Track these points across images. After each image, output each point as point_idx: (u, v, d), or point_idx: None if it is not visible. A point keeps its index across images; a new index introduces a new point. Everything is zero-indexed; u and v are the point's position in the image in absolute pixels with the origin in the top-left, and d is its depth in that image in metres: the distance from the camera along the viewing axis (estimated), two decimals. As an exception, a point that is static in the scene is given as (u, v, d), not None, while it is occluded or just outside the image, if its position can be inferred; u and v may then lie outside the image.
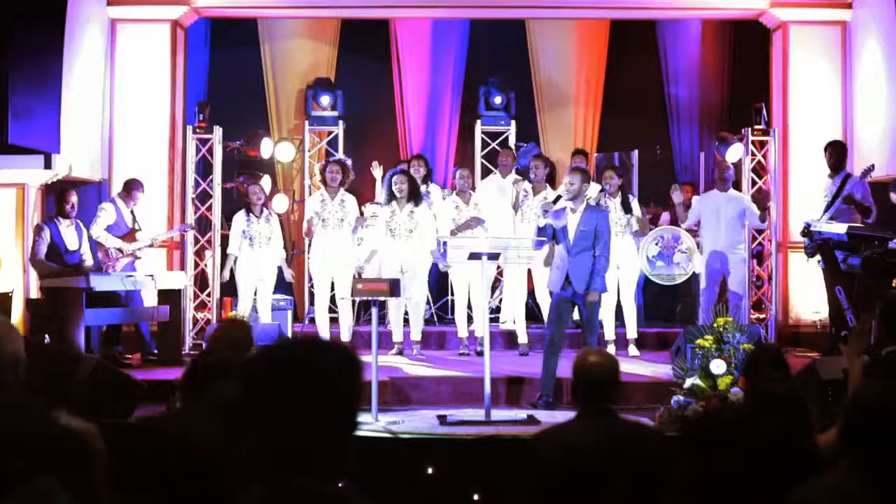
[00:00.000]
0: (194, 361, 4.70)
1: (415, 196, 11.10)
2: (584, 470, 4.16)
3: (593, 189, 11.78)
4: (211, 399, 3.82)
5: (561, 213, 9.23)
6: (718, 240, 11.27)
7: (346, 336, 11.33)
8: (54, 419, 2.90)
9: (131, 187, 11.36)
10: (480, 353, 9.95)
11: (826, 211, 10.66)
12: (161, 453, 2.55)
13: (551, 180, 11.86)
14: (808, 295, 11.93)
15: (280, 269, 11.63)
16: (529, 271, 11.40)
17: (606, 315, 11.37)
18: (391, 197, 11.08)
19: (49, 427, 2.81)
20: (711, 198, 11.49)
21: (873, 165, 10.75)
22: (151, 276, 10.87)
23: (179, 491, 2.49)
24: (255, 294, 11.42)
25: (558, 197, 9.37)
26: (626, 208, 11.18)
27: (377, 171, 12.30)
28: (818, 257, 10.66)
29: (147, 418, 2.86)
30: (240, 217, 11.41)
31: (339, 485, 2.48)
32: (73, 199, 10.76)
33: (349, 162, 11.96)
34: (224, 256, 11.65)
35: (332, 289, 11.33)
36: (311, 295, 13.15)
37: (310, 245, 11.80)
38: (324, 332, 11.37)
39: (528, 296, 11.58)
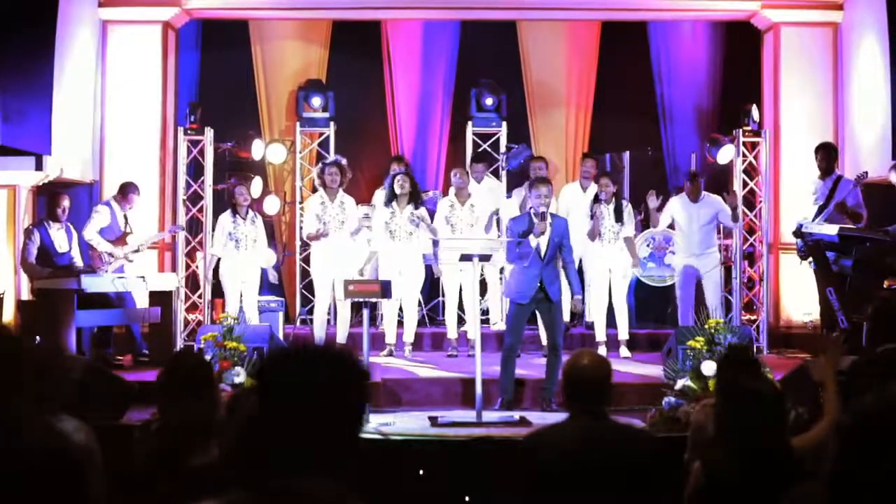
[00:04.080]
0: (171, 364, 4.70)
1: (415, 198, 11.12)
2: (573, 471, 4.16)
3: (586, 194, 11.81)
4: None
5: (535, 230, 9.20)
6: (692, 243, 11.27)
7: (342, 338, 11.33)
8: (50, 426, 2.89)
9: (127, 190, 11.35)
10: (472, 355, 9.95)
11: (818, 214, 10.66)
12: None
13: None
14: (799, 296, 11.95)
15: (264, 271, 11.59)
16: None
17: (598, 316, 11.39)
18: (392, 198, 11.09)
19: (44, 441, 2.80)
20: (684, 201, 11.45)
21: (866, 173, 10.73)
22: (142, 277, 10.87)
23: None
24: (241, 296, 11.39)
25: (543, 216, 9.22)
26: (619, 216, 11.16)
27: None
28: (810, 258, 10.67)
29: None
30: (225, 218, 11.38)
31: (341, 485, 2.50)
32: (66, 202, 10.78)
33: (345, 162, 11.94)
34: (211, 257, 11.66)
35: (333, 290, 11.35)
36: (303, 296, 13.15)
37: (303, 247, 11.83)
38: (320, 333, 11.37)
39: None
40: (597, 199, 11.19)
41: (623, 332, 11.43)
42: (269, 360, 2.63)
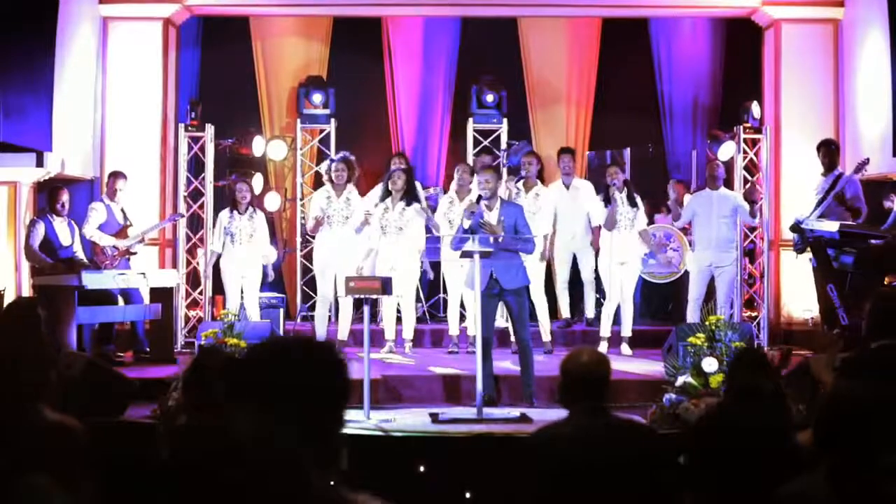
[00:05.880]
0: (198, 359, 4.70)
1: (409, 194, 11.11)
2: (579, 468, 4.16)
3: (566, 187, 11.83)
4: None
5: (478, 212, 9.21)
6: (710, 238, 11.27)
7: (344, 334, 11.32)
8: (45, 415, 2.91)
9: (110, 177, 11.37)
10: (472, 352, 9.94)
11: (816, 208, 10.66)
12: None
13: (541, 177, 11.90)
14: (800, 293, 11.94)
15: (265, 267, 11.60)
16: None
17: (605, 313, 11.36)
18: (387, 194, 11.10)
19: (40, 423, 2.81)
20: (704, 196, 11.48)
21: (868, 159, 10.74)
22: (143, 274, 10.86)
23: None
24: (242, 291, 11.40)
25: (479, 198, 9.34)
26: (633, 203, 11.20)
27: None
28: (809, 254, 10.66)
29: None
30: (223, 214, 11.41)
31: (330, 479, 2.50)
32: (65, 197, 10.81)
33: (353, 158, 11.90)
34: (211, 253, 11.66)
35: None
36: (304, 293, 13.15)
37: (304, 243, 11.81)
38: (322, 329, 11.36)
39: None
40: (609, 187, 11.20)
41: (626, 329, 11.43)
42: (242, 359, 2.63)
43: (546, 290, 11.57)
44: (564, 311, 12.15)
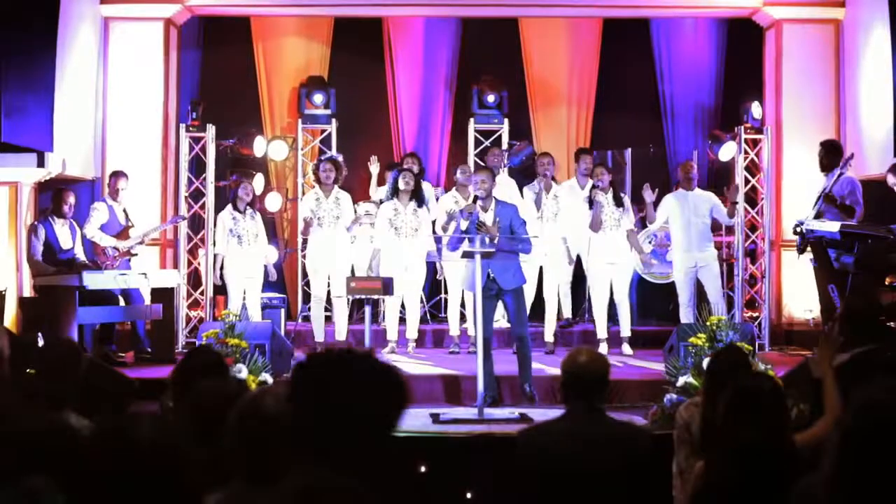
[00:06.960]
0: (184, 361, 4.70)
1: (418, 196, 11.12)
2: (569, 467, 4.16)
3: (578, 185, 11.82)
4: (195, 396, 3.83)
5: (474, 214, 9.21)
6: (691, 239, 11.24)
7: (341, 334, 11.32)
8: (48, 417, 2.90)
9: (112, 177, 11.36)
10: (473, 352, 9.93)
11: (813, 208, 10.67)
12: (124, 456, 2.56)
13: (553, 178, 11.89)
14: (801, 293, 11.94)
15: (266, 267, 11.61)
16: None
17: (599, 313, 11.36)
18: (394, 193, 11.10)
19: (41, 425, 2.80)
20: (679, 197, 11.44)
21: (852, 154, 10.74)
22: (144, 274, 10.86)
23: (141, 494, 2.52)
24: (245, 292, 11.39)
25: (475, 199, 9.32)
26: (618, 202, 11.17)
27: (374, 166, 12.25)
28: (809, 255, 10.65)
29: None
30: (225, 215, 11.39)
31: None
32: (71, 199, 10.81)
33: (341, 158, 11.93)
34: (216, 256, 11.63)
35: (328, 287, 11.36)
36: (305, 293, 13.15)
37: (304, 243, 11.82)
38: (319, 330, 11.37)
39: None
40: (593, 188, 11.19)
41: (625, 329, 11.40)
42: (307, 362, 2.68)
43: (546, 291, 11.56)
44: (566, 311, 12.14)
